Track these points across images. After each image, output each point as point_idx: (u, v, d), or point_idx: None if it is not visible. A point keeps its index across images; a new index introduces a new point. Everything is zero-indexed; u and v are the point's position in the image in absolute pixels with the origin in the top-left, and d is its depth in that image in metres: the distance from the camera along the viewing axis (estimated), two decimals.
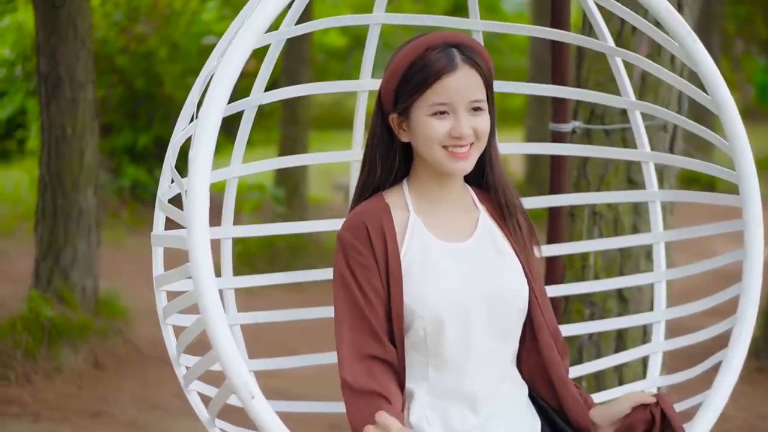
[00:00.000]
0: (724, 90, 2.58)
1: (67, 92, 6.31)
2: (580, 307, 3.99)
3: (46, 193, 6.48)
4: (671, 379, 3.08)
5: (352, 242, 2.44)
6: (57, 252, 6.44)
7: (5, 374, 5.81)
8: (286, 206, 9.22)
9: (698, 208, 3.90)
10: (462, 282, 2.45)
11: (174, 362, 2.63)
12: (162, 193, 2.67)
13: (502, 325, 2.48)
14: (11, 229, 9.83)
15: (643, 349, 3.20)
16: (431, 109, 2.43)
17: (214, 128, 2.16)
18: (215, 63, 2.62)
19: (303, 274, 3.06)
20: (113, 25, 11.03)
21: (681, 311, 3.13)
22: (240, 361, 2.09)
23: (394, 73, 2.47)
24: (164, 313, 2.63)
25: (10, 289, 7.34)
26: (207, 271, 2.10)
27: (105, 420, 5.47)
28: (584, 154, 3.51)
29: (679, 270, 3.17)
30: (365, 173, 2.57)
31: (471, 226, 2.55)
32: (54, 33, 6.27)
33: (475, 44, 2.49)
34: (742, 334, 2.54)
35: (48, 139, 6.40)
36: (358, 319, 2.42)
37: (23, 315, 6.15)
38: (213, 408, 2.44)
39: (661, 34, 2.70)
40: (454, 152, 2.44)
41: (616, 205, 3.92)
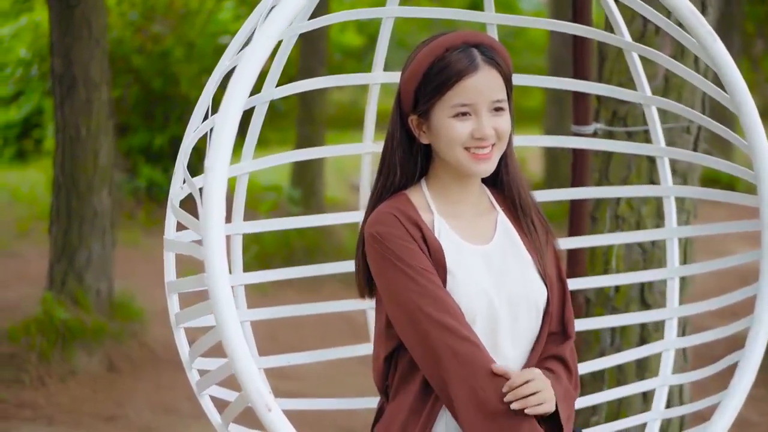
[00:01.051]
0: (743, 90, 2.58)
1: (82, 92, 6.25)
2: (602, 312, 3.93)
3: (60, 194, 6.43)
4: (684, 377, 3.10)
5: (389, 232, 2.40)
6: (71, 254, 6.39)
7: (19, 377, 5.78)
8: (302, 207, 9.18)
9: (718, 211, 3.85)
10: (490, 285, 2.43)
11: (186, 367, 2.61)
12: (174, 194, 2.64)
13: (524, 328, 2.46)
14: (26, 230, 9.80)
15: (655, 346, 3.18)
16: (453, 111, 2.40)
17: (230, 135, 2.14)
18: (228, 63, 2.61)
19: (315, 268, 3.05)
20: (129, 24, 10.99)
21: (694, 309, 3.12)
22: (257, 374, 2.08)
23: (414, 74, 2.44)
24: (177, 320, 2.61)
25: (24, 291, 7.31)
26: (223, 281, 2.08)
27: (119, 424, 5.43)
28: (599, 147, 3.45)
29: (693, 267, 3.21)
30: (384, 176, 2.52)
31: (491, 227, 2.53)
32: (68, 32, 6.21)
33: (494, 43, 2.46)
34: (759, 335, 2.53)
35: (62, 140, 6.35)
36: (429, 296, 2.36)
37: (37, 317, 6.11)
38: (227, 416, 2.40)
39: (682, 34, 2.68)
40: (476, 154, 2.42)
41: (639, 208, 3.86)
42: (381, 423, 2.49)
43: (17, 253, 9.15)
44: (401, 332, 2.39)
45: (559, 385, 2.44)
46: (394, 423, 2.43)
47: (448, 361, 2.32)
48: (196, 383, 2.56)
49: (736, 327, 2.81)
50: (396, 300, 2.38)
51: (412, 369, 2.43)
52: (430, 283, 2.37)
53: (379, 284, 2.43)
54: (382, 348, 2.49)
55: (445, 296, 2.37)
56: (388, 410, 2.48)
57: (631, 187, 3.58)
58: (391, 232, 2.39)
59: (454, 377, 2.32)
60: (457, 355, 2.32)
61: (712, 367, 2.90)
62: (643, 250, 3.87)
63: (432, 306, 2.34)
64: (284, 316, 2.97)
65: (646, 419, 3.05)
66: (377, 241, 2.40)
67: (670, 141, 3.83)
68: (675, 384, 3.20)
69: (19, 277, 8.07)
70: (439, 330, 2.33)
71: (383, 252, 2.39)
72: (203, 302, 2.27)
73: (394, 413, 2.44)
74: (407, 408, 2.41)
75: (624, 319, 3.36)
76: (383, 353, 2.48)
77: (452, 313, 2.36)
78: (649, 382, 3.18)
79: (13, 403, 5.54)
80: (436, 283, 2.38)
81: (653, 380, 3.14)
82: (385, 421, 2.48)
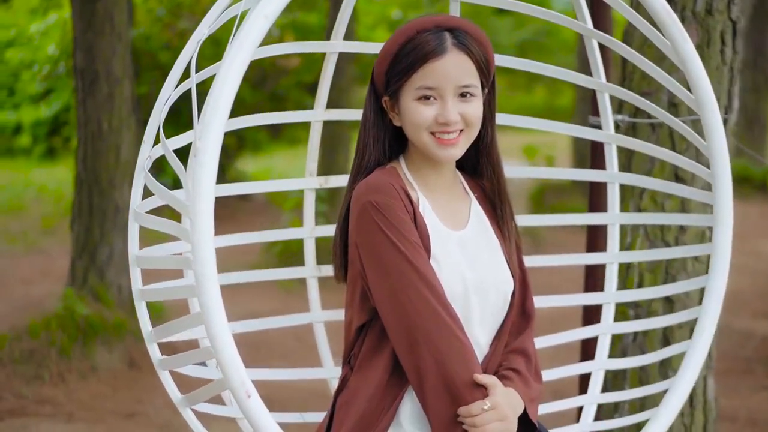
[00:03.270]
0: (707, 91, 2.64)
1: (104, 87, 6.23)
2: (625, 309, 3.84)
3: (82, 190, 6.41)
4: (618, 363, 3.18)
5: (388, 202, 2.36)
6: (93, 250, 6.37)
7: (39, 373, 5.76)
8: (327, 204, 9.12)
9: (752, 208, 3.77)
10: (465, 271, 2.41)
11: (148, 341, 2.57)
12: (142, 160, 2.66)
13: (491, 316, 2.46)
14: (52, 226, 9.82)
15: (593, 329, 3.22)
16: (418, 93, 2.39)
17: (218, 134, 2.07)
18: (205, 31, 2.58)
19: (277, 233, 3.11)
20: (156, 21, 10.98)
21: (634, 295, 3.30)
22: (239, 361, 2.04)
23: (385, 55, 2.43)
24: (142, 295, 2.59)
25: (48, 288, 7.31)
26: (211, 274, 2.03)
27: (139, 421, 5.40)
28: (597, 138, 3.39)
29: (636, 254, 3.36)
30: (359, 157, 2.51)
31: (465, 213, 2.52)
32: (91, 27, 6.19)
33: (470, 28, 2.43)
34: (706, 327, 2.66)
35: (84, 135, 6.33)
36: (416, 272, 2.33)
37: (58, 313, 6.08)
38: (196, 397, 2.39)
39: (655, 33, 2.69)
40: (441, 138, 2.40)
41: (663, 204, 3.78)
42: (344, 394, 2.45)
43: (43, 249, 9.18)
44: (381, 304, 2.35)
45: (527, 387, 2.45)
46: (357, 396, 2.40)
47: (430, 341, 2.29)
48: (160, 361, 2.51)
49: (682, 317, 2.98)
50: (384, 272, 2.33)
51: (380, 342, 2.40)
52: (422, 259, 2.34)
53: (367, 253, 2.36)
54: (355, 317, 2.44)
55: (435, 277, 2.35)
56: (352, 382, 2.44)
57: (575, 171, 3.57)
58: (388, 202, 2.35)
59: (430, 357, 2.29)
60: (443, 337, 2.30)
61: (653, 354, 3.04)
62: (666, 244, 3.78)
63: (425, 285, 2.31)
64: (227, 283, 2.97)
65: (582, 402, 3.12)
66: (374, 209, 2.35)
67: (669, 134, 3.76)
68: (613, 369, 3.26)
69: (44, 273, 8.08)
70: (428, 310, 2.30)
71: (379, 221, 2.34)
72: (186, 284, 2.27)
73: (359, 386, 2.41)
74: (371, 388, 2.38)
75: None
76: (356, 323, 2.44)
77: (442, 294, 2.34)
78: (586, 364, 3.22)
79: (32, 399, 5.52)
80: (427, 261, 2.35)
81: (590, 363, 3.20)
82: (348, 393, 2.44)
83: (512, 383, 2.41)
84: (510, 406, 2.33)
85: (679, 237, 3.80)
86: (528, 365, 2.50)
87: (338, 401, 2.46)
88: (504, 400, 2.31)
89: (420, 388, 2.32)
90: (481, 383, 2.30)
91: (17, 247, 9.56)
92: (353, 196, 2.42)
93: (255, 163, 13.00)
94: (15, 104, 15.83)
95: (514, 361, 2.48)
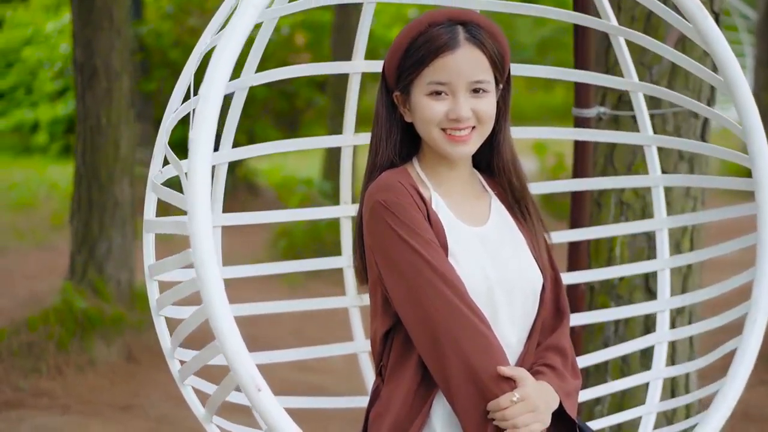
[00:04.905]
0: (736, 71, 2.46)
1: (103, 82, 6.25)
2: (606, 300, 3.83)
3: (81, 185, 6.43)
4: (676, 370, 3.03)
5: (397, 200, 2.29)
6: (92, 244, 6.39)
7: (37, 366, 5.78)
8: (333, 200, 9.12)
9: None
10: (487, 268, 2.32)
11: (167, 356, 2.52)
12: (153, 174, 2.57)
13: (521, 314, 2.36)
14: (60, 223, 9.86)
15: (646, 339, 3.08)
16: (429, 88, 2.32)
17: (215, 107, 2.04)
18: (209, 40, 2.53)
19: (302, 263, 2.99)
20: (166, 18, 10.99)
21: (687, 299, 3.05)
22: (245, 352, 1.98)
23: (397, 49, 2.36)
24: (159, 304, 2.52)
25: (52, 283, 7.33)
26: (210, 257, 1.98)
27: (135, 414, 5.41)
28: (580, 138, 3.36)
29: (684, 257, 3.11)
30: (373, 155, 2.43)
31: (485, 210, 2.43)
32: (89, 22, 6.21)
33: (484, 23, 2.35)
34: (757, 320, 2.42)
35: (83, 130, 6.35)
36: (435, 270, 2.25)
37: (56, 307, 6.10)
38: (213, 403, 2.32)
39: (674, 15, 2.57)
40: (452, 135, 2.32)
41: (644, 194, 3.76)
42: (377, 406, 2.38)
43: (51, 246, 9.22)
44: (400, 306, 2.27)
45: (562, 382, 2.35)
46: (390, 407, 2.33)
47: (452, 338, 2.21)
48: (179, 370, 2.47)
49: (734, 314, 2.71)
50: (400, 272, 2.26)
51: (407, 349, 2.32)
52: (438, 256, 2.26)
53: (381, 255, 2.30)
54: (379, 325, 2.37)
55: (453, 273, 2.26)
56: (383, 393, 2.37)
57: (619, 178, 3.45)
58: (399, 200, 2.28)
59: (453, 355, 2.21)
60: (465, 333, 2.21)
61: (707, 357, 2.82)
62: (648, 237, 3.76)
63: (442, 282, 2.23)
64: (269, 312, 2.93)
65: (641, 413, 2.98)
66: (383, 208, 2.28)
67: (676, 126, 3.73)
68: (669, 377, 3.11)
69: (50, 269, 8.12)
70: (447, 307, 2.22)
71: (389, 221, 2.27)
72: (188, 280, 2.20)
73: (390, 396, 2.34)
74: (401, 396, 2.31)
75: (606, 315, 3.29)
76: (381, 330, 2.36)
77: (462, 290, 2.26)
78: (643, 375, 3.08)
79: (29, 392, 5.54)
80: (444, 258, 2.27)
81: (646, 374, 3.06)
82: (380, 404, 2.37)
83: (545, 377, 2.31)
84: (542, 399, 2.23)
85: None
86: (564, 361, 2.40)
87: (371, 414, 2.40)
88: (534, 392, 2.21)
89: (447, 388, 2.24)
90: (508, 376, 2.21)
91: (26, 243, 9.61)
92: (365, 198, 2.36)
93: (267, 161, 13.01)
94: (32, 102, 15.89)
95: (549, 357, 2.38)
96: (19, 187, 12.28)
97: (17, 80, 15.94)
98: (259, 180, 11.76)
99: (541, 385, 2.27)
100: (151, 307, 2.56)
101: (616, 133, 3.28)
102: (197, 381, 2.55)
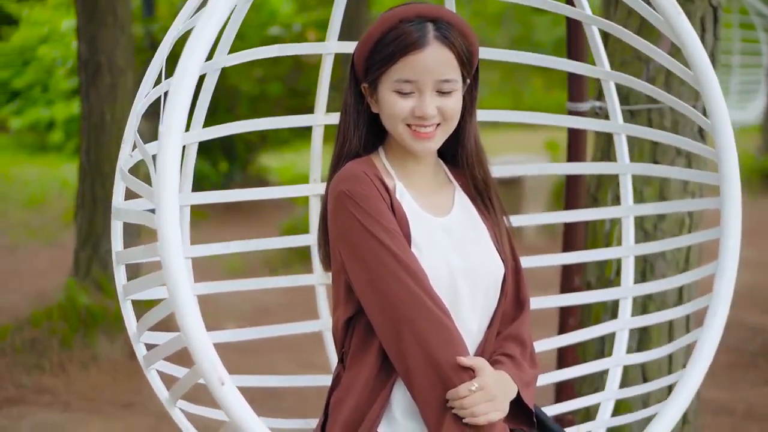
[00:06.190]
0: (707, 66, 2.51)
1: (107, 78, 6.22)
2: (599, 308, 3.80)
3: (85, 182, 6.42)
4: (636, 358, 3.07)
5: (362, 190, 2.32)
6: (96, 241, 6.37)
7: (40, 363, 5.76)
8: None
9: None
10: (450, 257, 2.37)
11: (133, 340, 2.58)
12: (123, 161, 2.59)
13: (483, 303, 2.41)
14: (70, 220, 9.87)
15: (606, 326, 3.13)
16: (395, 86, 2.35)
17: (188, 91, 2.07)
18: (181, 26, 2.54)
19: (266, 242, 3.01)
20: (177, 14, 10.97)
21: (650, 287, 3.12)
22: (210, 347, 2.00)
23: (366, 42, 2.38)
24: (125, 291, 2.55)
25: (58, 280, 7.33)
26: (177, 253, 2.00)
27: (137, 411, 5.39)
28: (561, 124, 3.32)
29: (648, 245, 3.17)
30: (340, 143, 2.47)
31: (448, 201, 2.48)
32: (93, 18, 6.19)
33: (454, 20, 2.37)
34: (717, 313, 2.50)
35: (87, 127, 6.33)
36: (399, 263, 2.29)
37: (60, 303, 6.09)
38: (177, 390, 2.37)
39: (647, 9, 2.60)
40: (417, 131, 2.36)
41: (641, 188, 3.72)
42: (337, 392, 2.42)
43: (61, 243, 9.22)
44: (362, 295, 2.32)
45: (521, 371, 2.40)
46: (350, 393, 2.37)
47: (413, 327, 2.25)
48: (144, 357, 2.51)
49: (697, 305, 2.78)
50: (363, 261, 2.30)
51: (368, 336, 2.36)
52: (401, 246, 2.30)
53: (344, 244, 2.33)
54: (342, 313, 2.41)
55: (416, 262, 2.30)
56: (344, 379, 2.42)
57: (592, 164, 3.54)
58: (363, 190, 2.32)
59: (414, 344, 2.25)
60: (426, 323, 2.25)
61: (669, 346, 2.89)
62: (644, 232, 3.72)
63: (404, 271, 2.27)
64: (231, 290, 2.92)
65: (599, 399, 3.03)
66: (348, 198, 2.32)
67: (673, 121, 3.69)
68: (629, 364, 3.17)
69: (58, 267, 8.11)
70: (409, 296, 2.26)
71: (353, 210, 2.31)
72: (155, 272, 2.21)
73: (350, 382, 2.38)
74: (362, 382, 2.35)
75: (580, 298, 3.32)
76: (343, 318, 2.41)
77: (423, 279, 2.29)
78: (604, 362, 3.13)
79: (31, 388, 5.53)
80: (407, 248, 2.31)
81: (606, 360, 3.10)
82: (341, 390, 2.41)
83: (504, 367, 2.38)
84: (500, 388, 2.29)
85: (658, 224, 3.74)
86: (523, 351, 2.46)
87: (332, 399, 2.44)
88: (493, 382, 2.27)
89: (407, 376, 2.28)
90: (467, 365, 2.26)
91: (37, 240, 9.62)
92: (330, 188, 2.40)
93: (280, 159, 12.99)
94: (48, 101, 15.91)
95: (508, 347, 2.44)
96: (32, 185, 12.31)
97: (33, 78, 15.96)
98: (271, 177, 11.75)
99: (500, 375, 2.32)
100: (118, 292, 2.59)
101: (591, 121, 3.28)
102: (164, 365, 2.60)
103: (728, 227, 2.55)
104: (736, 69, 15.23)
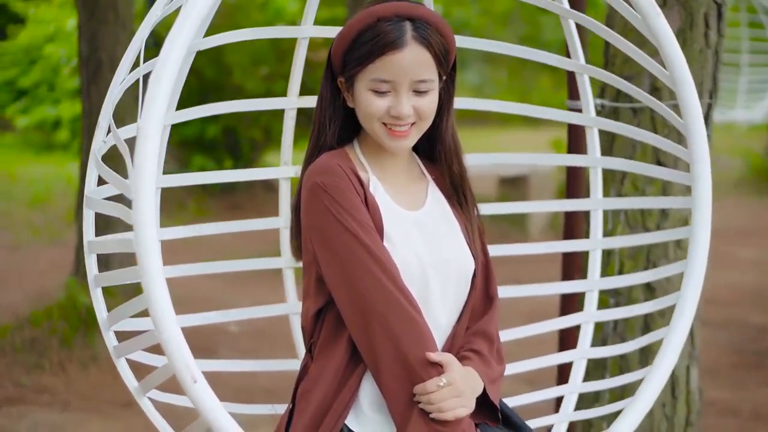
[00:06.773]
0: (683, 67, 2.52)
1: (108, 76, 6.19)
2: (605, 297, 3.76)
3: None
4: (601, 351, 3.10)
5: (335, 183, 2.32)
6: None
7: (40, 362, 5.76)
8: None
9: None
10: (423, 251, 2.38)
11: (103, 329, 2.53)
12: (96, 147, 2.59)
13: (453, 297, 2.43)
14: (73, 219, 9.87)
15: (575, 317, 3.13)
16: (372, 84, 2.34)
17: (169, 82, 1.99)
18: (159, 13, 2.52)
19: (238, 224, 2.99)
20: None
21: (616, 282, 3.15)
22: (184, 345, 1.97)
23: (343, 38, 2.37)
24: (96, 281, 2.55)
25: (60, 279, 7.31)
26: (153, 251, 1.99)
27: (136, 410, 5.31)
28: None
29: (619, 239, 3.21)
30: (315, 136, 2.47)
31: (422, 195, 2.50)
32: (94, 16, 6.17)
33: (432, 18, 2.36)
34: (684, 312, 2.54)
35: (89, 125, 6.30)
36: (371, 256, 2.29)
37: (60, 303, 6.08)
38: (147, 384, 2.37)
39: (626, 8, 2.58)
40: (392, 130, 2.37)
41: (644, 189, 3.69)
42: (304, 382, 2.42)
43: (63, 242, 9.21)
44: (334, 287, 2.32)
45: (488, 368, 2.43)
46: (317, 384, 2.37)
47: (383, 321, 2.26)
48: (114, 348, 2.49)
49: (665, 303, 2.81)
50: (335, 253, 2.30)
51: (338, 327, 2.36)
52: (373, 240, 2.30)
53: (317, 235, 2.33)
54: (312, 303, 2.41)
55: (388, 257, 2.31)
56: (312, 370, 2.41)
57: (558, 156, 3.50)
58: (337, 183, 2.32)
59: (384, 338, 2.26)
60: (396, 317, 2.26)
61: (634, 342, 2.93)
62: (647, 230, 3.69)
63: (377, 265, 2.28)
64: (201, 273, 2.94)
65: (563, 392, 3.04)
66: (321, 190, 2.31)
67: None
68: (593, 357, 3.16)
69: (59, 266, 8.09)
70: (380, 290, 2.27)
71: (327, 203, 2.30)
72: (130, 267, 2.20)
73: (319, 374, 2.38)
74: (331, 373, 2.35)
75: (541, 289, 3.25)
76: (313, 309, 2.41)
77: (395, 274, 2.30)
78: (570, 354, 3.13)
79: (31, 388, 5.51)
80: (379, 242, 2.32)
81: (572, 352, 3.11)
82: (308, 381, 2.41)
83: (472, 363, 2.39)
84: (467, 384, 2.30)
85: (661, 223, 3.71)
86: (490, 347, 2.47)
87: (299, 389, 2.44)
88: (461, 378, 2.28)
89: (376, 369, 2.29)
90: (436, 361, 2.27)
91: (40, 239, 9.61)
92: (304, 180, 2.39)
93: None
94: (55, 99, 15.92)
95: (476, 342, 2.45)
96: (37, 184, 12.32)
97: (40, 77, 15.97)
98: None
99: (467, 371, 2.34)
100: (89, 281, 2.57)
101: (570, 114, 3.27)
102: (136, 354, 2.56)
103: (698, 227, 2.57)
104: (745, 68, 15.20)
